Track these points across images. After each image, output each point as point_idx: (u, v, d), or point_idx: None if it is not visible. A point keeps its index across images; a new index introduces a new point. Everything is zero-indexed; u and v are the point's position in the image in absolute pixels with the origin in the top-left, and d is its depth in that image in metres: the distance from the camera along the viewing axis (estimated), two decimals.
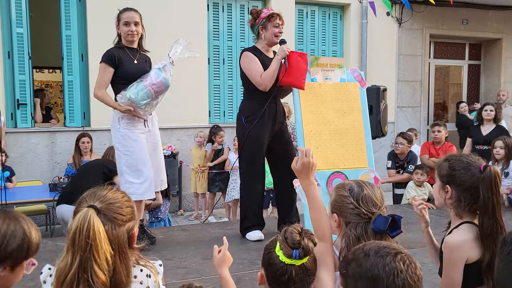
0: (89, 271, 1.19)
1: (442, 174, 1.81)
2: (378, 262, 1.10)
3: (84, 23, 6.24)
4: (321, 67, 3.65)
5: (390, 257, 1.11)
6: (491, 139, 5.27)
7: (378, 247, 1.15)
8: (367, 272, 1.10)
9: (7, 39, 5.90)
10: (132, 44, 3.45)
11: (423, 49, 8.46)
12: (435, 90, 9.22)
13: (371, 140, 3.83)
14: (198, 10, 6.77)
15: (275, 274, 1.29)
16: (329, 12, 7.78)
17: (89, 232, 1.20)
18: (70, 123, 6.33)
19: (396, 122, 8.21)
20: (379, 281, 1.08)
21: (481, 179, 1.69)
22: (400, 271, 1.08)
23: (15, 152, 5.90)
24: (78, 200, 1.35)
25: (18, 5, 5.92)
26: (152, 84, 3.22)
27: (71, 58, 6.25)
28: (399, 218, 1.50)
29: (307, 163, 1.62)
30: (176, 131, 6.73)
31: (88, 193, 1.35)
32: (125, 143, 3.31)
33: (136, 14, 3.42)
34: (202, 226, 4.30)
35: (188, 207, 6.92)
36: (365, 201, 1.55)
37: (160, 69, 3.30)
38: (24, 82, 6.02)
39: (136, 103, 3.20)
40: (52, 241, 3.68)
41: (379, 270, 1.09)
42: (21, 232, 1.26)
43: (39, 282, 1.41)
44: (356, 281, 1.12)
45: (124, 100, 3.22)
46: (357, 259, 1.14)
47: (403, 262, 1.10)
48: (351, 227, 1.54)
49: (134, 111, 3.26)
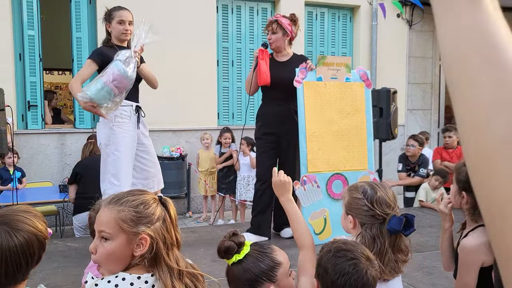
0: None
1: (459, 179, 1.81)
2: (332, 260, 1.31)
3: (94, 25, 6.28)
4: (327, 66, 3.65)
5: (344, 259, 1.30)
6: None
7: (340, 249, 1.34)
8: (323, 263, 1.33)
9: (19, 41, 5.95)
10: (123, 43, 3.43)
11: (434, 51, 8.40)
12: (447, 93, 9.13)
13: (374, 141, 3.83)
14: (207, 12, 6.78)
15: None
16: (339, 14, 7.75)
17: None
18: (80, 125, 6.36)
19: (406, 125, 8.14)
20: (328, 274, 1.30)
21: None
22: (346, 273, 1.27)
23: (26, 153, 5.94)
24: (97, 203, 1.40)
25: (30, 8, 5.98)
26: (112, 80, 2.98)
27: (81, 60, 6.29)
28: (412, 217, 1.58)
29: (277, 181, 1.72)
30: (185, 133, 6.74)
31: (143, 193, 1.31)
32: (114, 142, 3.23)
33: (130, 13, 3.41)
34: (211, 228, 4.30)
35: (196, 209, 6.92)
36: (379, 203, 1.60)
37: (121, 61, 3.05)
38: (35, 84, 6.07)
39: (98, 103, 2.99)
40: (63, 241, 3.70)
41: (331, 266, 1.30)
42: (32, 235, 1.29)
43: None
44: (318, 265, 1.37)
45: (86, 100, 3.00)
46: (323, 251, 1.37)
47: (353, 267, 1.28)
48: (367, 228, 1.60)
49: (94, 109, 3.04)
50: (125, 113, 3.31)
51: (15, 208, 1.36)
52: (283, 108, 3.62)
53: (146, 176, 3.48)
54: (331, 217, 3.55)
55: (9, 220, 1.28)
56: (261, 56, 3.60)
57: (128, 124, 3.31)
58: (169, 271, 1.21)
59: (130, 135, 3.31)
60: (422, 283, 2.79)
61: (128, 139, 3.29)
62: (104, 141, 3.26)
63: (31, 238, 1.27)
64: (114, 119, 3.29)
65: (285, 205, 1.69)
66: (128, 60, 3.05)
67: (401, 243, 1.61)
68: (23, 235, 1.26)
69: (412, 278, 2.82)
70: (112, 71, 2.99)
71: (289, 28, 3.65)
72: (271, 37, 3.64)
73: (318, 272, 1.34)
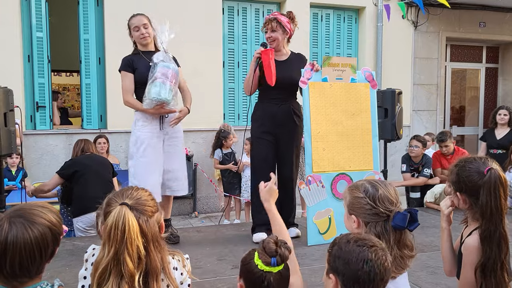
0: (121, 261, 1.32)
1: (452, 181, 1.83)
2: (354, 249, 1.31)
3: (101, 27, 6.35)
4: (332, 67, 3.65)
5: (366, 247, 1.31)
6: (505, 143, 5.25)
7: (358, 238, 1.35)
8: (344, 254, 1.32)
9: (27, 43, 6.04)
10: (148, 47, 3.49)
11: (439, 52, 8.39)
12: (452, 94, 9.12)
13: (379, 142, 3.83)
14: (213, 13, 6.83)
15: (255, 282, 1.41)
16: (344, 15, 7.77)
17: (124, 226, 1.33)
18: (87, 126, 6.43)
19: (411, 125, 8.14)
20: (351, 264, 1.29)
21: (483, 183, 1.70)
22: (369, 260, 1.29)
23: (34, 154, 6.02)
24: (105, 202, 1.47)
25: (38, 10, 6.06)
26: (166, 77, 3.26)
27: (88, 61, 6.37)
28: (415, 211, 1.58)
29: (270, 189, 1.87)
30: (191, 134, 6.78)
31: (114, 194, 1.48)
32: (137, 146, 3.38)
33: (143, 17, 3.47)
34: (216, 228, 4.33)
35: (202, 209, 6.96)
36: (381, 200, 1.59)
37: (162, 61, 3.31)
38: (43, 85, 6.15)
39: (166, 100, 3.26)
40: (70, 240, 3.74)
41: (353, 256, 1.30)
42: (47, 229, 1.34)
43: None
44: (335, 259, 1.34)
45: (153, 105, 3.27)
46: (340, 243, 1.36)
47: (375, 254, 1.30)
48: (371, 226, 1.59)
49: (164, 109, 3.30)
50: (146, 116, 3.39)
51: (32, 203, 1.44)
52: (283, 108, 3.59)
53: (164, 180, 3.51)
54: (335, 217, 3.57)
55: (25, 213, 1.33)
56: (271, 56, 3.49)
57: (148, 126, 3.39)
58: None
59: (151, 137, 3.38)
60: (426, 282, 2.81)
61: (149, 142, 3.37)
62: (130, 145, 3.46)
63: (45, 231, 1.32)
64: (135, 123, 3.42)
65: (270, 207, 1.84)
66: (166, 59, 3.32)
67: (406, 238, 1.61)
68: (38, 227, 1.31)
69: (416, 278, 2.84)
70: (164, 70, 3.26)
71: (288, 26, 3.55)
72: (270, 35, 3.54)
73: (336, 267, 1.32)
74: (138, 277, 1.33)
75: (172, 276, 1.46)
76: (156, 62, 3.30)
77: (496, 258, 1.68)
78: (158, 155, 3.42)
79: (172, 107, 3.33)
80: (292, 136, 3.64)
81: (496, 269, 1.67)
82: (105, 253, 1.34)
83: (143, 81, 3.35)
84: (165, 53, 3.35)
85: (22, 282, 1.33)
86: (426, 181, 5.06)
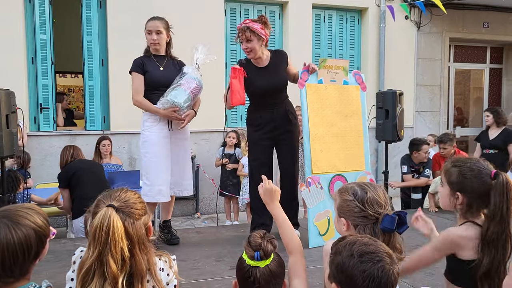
0: (104, 262, 1.33)
1: (451, 181, 1.83)
2: (359, 265, 1.21)
3: (104, 29, 6.39)
4: (327, 69, 3.69)
5: (372, 263, 1.21)
6: (497, 143, 5.38)
7: (363, 252, 1.24)
8: (348, 270, 1.22)
9: (31, 45, 6.09)
10: (159, 52, 3.54)
11: (443, 53, 8.36)
12: (456, 94, 9.09)
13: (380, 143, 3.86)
14: (215, 14, 6.85)
15: (243, 277, 1.40)
16: (347, 16, 7.77)
17: (108, 228, 1.34)
18: (91, 127, 6.47)
19: (414, 126, 8.12)
20: (356, 281, 1.20)
21: (493, 186, 1.72)
22: (376, 277, 1.19)
23: (38, 155, 6.07)
24: (94, 203, 1.49)
25: (42, 12, 6.11)
26: (192, 88, 3.39)
27: (91, 63, 6.41)
28: (404, 214, 1.56)
29: (269, 189, 1.80)
30: (193, 135, 6.74)
31: (103, 195, 1.50)
32: (145, 146, 3.45)
33: (159, 22, 3.48)
34: (216, 229, 4.36)
35: (204, 210, 6.98)
36: (370, 203, 1.59)
37: (192, 73, 3.43)
38: (47, 87, 6.20)
39: (179, 105, 3.36)
40: (71, 241, 3.78)
41: (358, 273, 1.20)
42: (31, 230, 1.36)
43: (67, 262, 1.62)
44: (337, 271, 1.25)
45: (167, 106, 3.35)
46: (343, 254, 1.26)
47: (382, 270, 1.20)
48: (360, 229, 1.59)
49: (175, 114, 3.38)
50: (154, 117, 3.45)
51: (20, 204, 1.46)
52: (277, 112, 3.58)
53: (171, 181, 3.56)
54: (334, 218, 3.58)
55: (10, 214, 1.36)
56: (233, 75, 3.42)
57: (156, 126, 3.45)
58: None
59: (160, 136, 3.44)
60: (423, 283, 2.81)
61: (158, 141, 3.43)
62: (140, 145, 3.55)
63: (29, 232, 1.34)
64: (143, 124, 3.48)
65: (274, 211, 1.78)
66: (195, 72, 3.45)
67: (395, 241, 1.60)
68: (22, 229, 1.33)
69: (413, 279, 2.84)
70: (191, 80, 3.39)
71: (262, 32, 3.42)
72: (247, 46, 3.42)
73: (340, 279, 1.24)
74: (122, 279, 1.34)
75: (158, 277, 1.47)
76: (186, 72, 3.43)
77: (500, 260, 1.70)
78: (167, 154, 3.48)
79: (182, 113, 3.43)
80: (290, 136, 3.65)
81: (500, 271, 1.70)
82: (90, 253, 1.35)
83: (152, 84, 3.43)
84: (197, 70, 3.48)
85: (7, 283, 1.34)
86: (428, 182, 5.05)
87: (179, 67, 3.55)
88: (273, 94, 3.55)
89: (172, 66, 3.54)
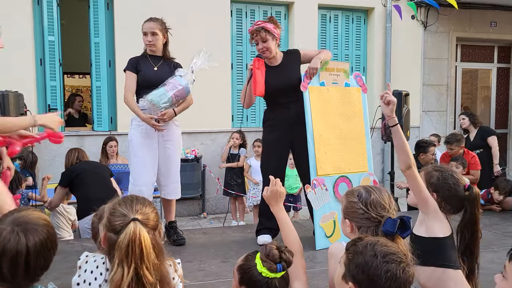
0: (142, 276, 1.37)
1: (431, 182, 2.04)
2: (383, 266, 1.25)
3: (111, 30, 6.44)
4: (329, 72, 3.70)
5: (395, 264, 1.26)
6: (478, 142, 5.79)
7: (386, 252, 1.29)
8: (370, 270, 1.26)
9: (39, 46, 6.15)
10: (155, 52, 3.54)
11: (450, 52, 8.32)
12: (464, 94, 9.04)
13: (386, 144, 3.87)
14: (221, 15, 6.88)
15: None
16: (353, 16, 7.76)
17: (140, 242, 1.37)
18: (98, 128, 6.53)
19: (421, 126, 8.09)
20: (378, 281, 1.25)
21: (468, 197, 1.99)
22: (398, 277, 1.25)
23: (47, 156, 6.14)
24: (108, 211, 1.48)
25: (50, 14, 6.17)
26: (176, 90, 3.33)
27: (99, 64, 6.47)
28: (408, 219, 1.58)
29: (275, 191, 1.81)
30: (200, 135, 6.84)
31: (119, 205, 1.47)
32: (131, 145, 3.46)
33: (154, 24, 3.47)
34: (222, 230, 4.37)
35: (211, 210, 7.02)
36: (373, 205, 1.62)
37: (181, 76, 3.39)
38: (55, 88, 6.26)
39: (157, 105, 3.30)
40: (79, 241, 3.82)
41: (382, 273, 1.25)
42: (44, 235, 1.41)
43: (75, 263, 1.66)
44: (357, 271, 1.28)
45: (145, 103, 3.33)
46: (365, 254, 1.29)
47: (402, 270, 1.26)
48: (363, 231, 1.62)
49: (151, 122, 3.32)
50: None
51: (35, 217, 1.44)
52: (294, 110, 3.60)
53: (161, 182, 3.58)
54: (339, 219, 3.59)
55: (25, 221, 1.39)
56: (256, 66, 3.49)
57: (143, 126, 3.43)
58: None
59: (144, 137, 3.43)
60: None
61: (141, 141, 3.42)
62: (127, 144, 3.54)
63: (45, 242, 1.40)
64: (131, 123, 3.49)
65: (278, 214, 1.81)
66: (187, 77, 3.39)
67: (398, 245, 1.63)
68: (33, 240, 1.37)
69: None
70: (177, 83, 3.33)
71: (275, 31, 3.51)
72: (262, 46, 3.49)
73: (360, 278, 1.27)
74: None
75: (172, 283, 1.52)
76: (177, 74, 3.41)
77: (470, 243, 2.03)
78: (152, 155, 3.45)
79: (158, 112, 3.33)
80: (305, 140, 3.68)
81: (474, 251, 2.03)
82: (124, 272, 1.36)
83: (145, 84, 3.41)
84: (190, 74, 3.44)
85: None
86: None
87: (174, 68, 3.54)
88: (287, 92, 3.56)
89: (167, 67, 3.53)
